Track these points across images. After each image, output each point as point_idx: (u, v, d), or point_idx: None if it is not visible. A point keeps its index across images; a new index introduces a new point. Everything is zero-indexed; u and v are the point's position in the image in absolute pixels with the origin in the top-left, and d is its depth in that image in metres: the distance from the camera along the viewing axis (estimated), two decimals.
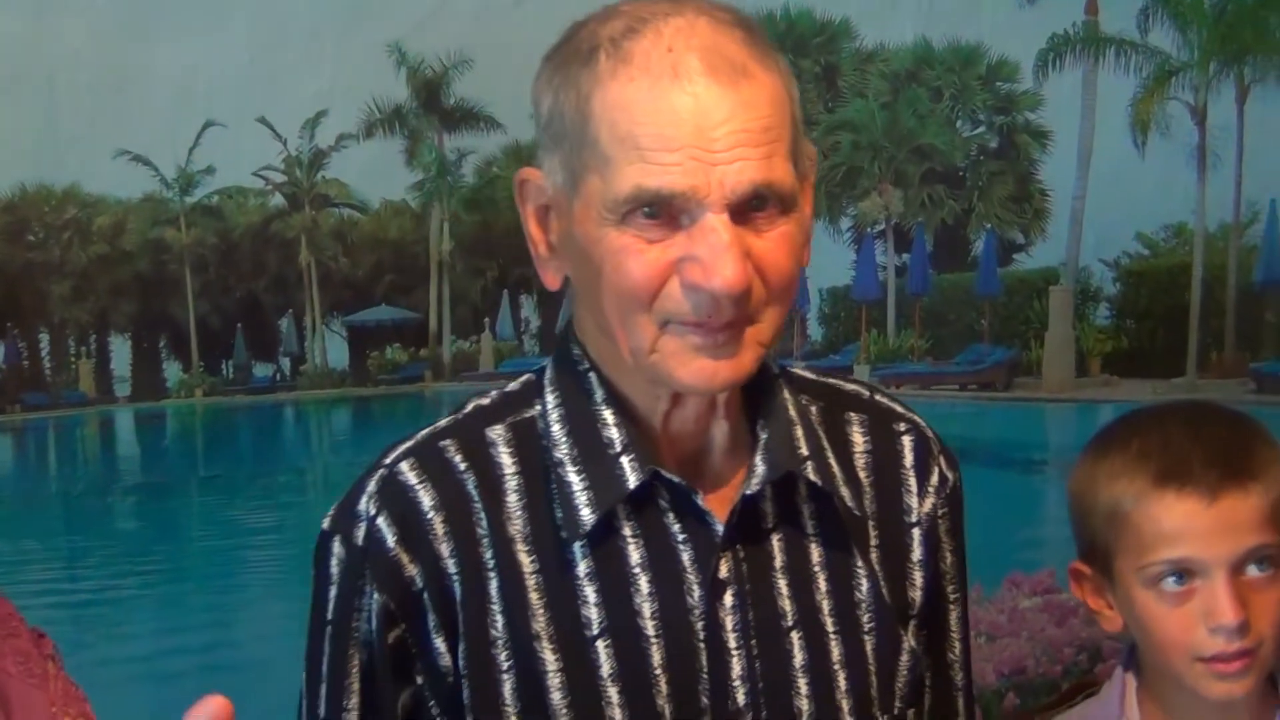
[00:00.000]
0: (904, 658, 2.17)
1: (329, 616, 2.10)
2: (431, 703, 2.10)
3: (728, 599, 2.06)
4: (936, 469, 2.26)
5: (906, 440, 2.26)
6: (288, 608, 2.40)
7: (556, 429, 2.11)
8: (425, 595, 2.06)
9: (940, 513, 2.25)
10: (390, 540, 2.06)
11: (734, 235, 1.86)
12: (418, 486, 2.09)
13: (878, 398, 2.28)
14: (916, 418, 2.30)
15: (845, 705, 2.10)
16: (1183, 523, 2.48)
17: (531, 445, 2.11)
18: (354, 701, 2.10)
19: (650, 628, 2.05)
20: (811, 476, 2.11)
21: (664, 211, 1.88)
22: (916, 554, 2.22)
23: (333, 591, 2.10)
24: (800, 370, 2.27)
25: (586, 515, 2.04)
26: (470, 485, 2.09)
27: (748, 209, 1.90)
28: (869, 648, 2.13)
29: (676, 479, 2.05)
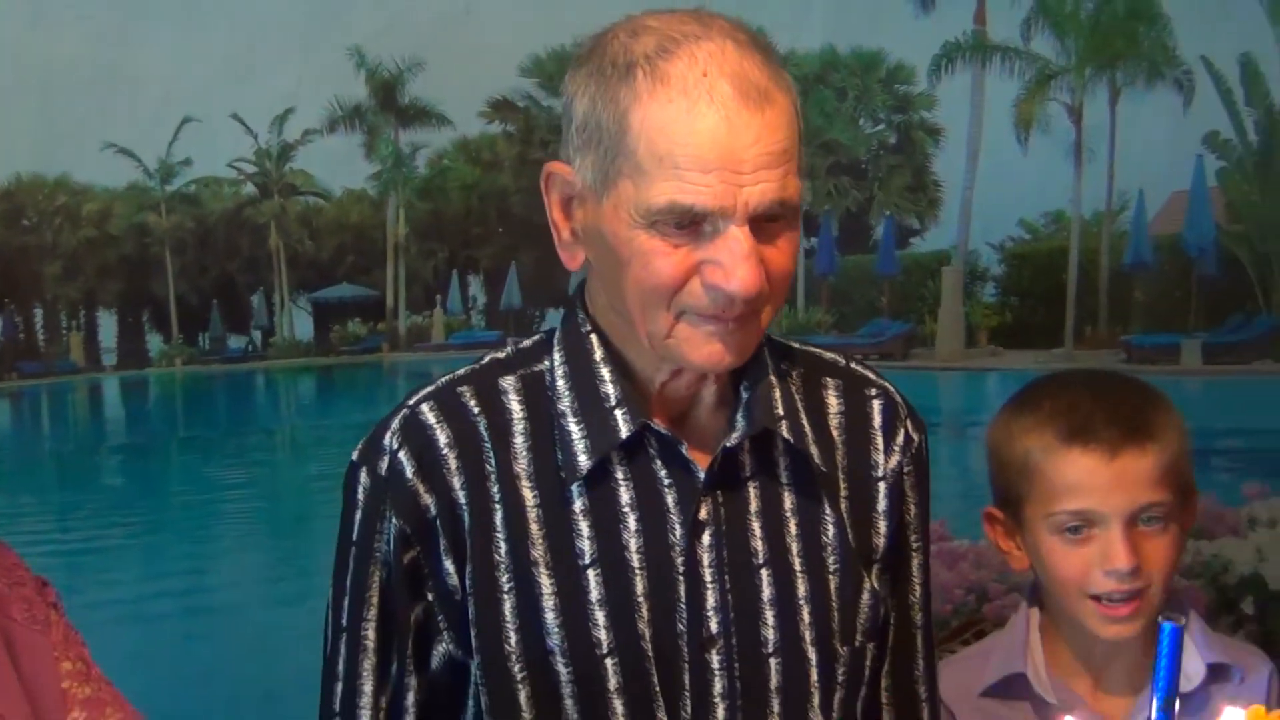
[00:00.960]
0: (865, 597, 2.25)
1: (354, 538, 2.20)
2: (440, 618, 2.19)
3: (706, 538, 2.16)
4: (903, 430, 2.34)
5: (876, 404, 2.33)
6: (258, 556, 2.43)
7: (561, 383, 2.19)
8: (438, 522, 2.15)
9: (906, 470, 2.33)
10: (409, 472, 2.15)
11: (752, 245, 1.96)
12: (435, 426, 2.17)
13: (852, 365, 2.37)
14: (887, 384, 2.38)
15: (808, 636, 2.19)
16: (1085, 477, 2.60)
17: (539, 395, 2.20)
18: (373, 613, 2.19)
19: (636, 560, 2.14)
20: (785, 434, 2.20)
21: (691, 221, 1.97)
22: (881, 505, 2.30)
23: (358, 515, 2.19)
24: (783, 340, 2.35)
25: (583, 460, 2.14)
26: (482, 427, 2.18)
27: (763, 221, 1.99)
28: (832, 587, 2.22)
29: (665, 431, 2.15)
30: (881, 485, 2.31)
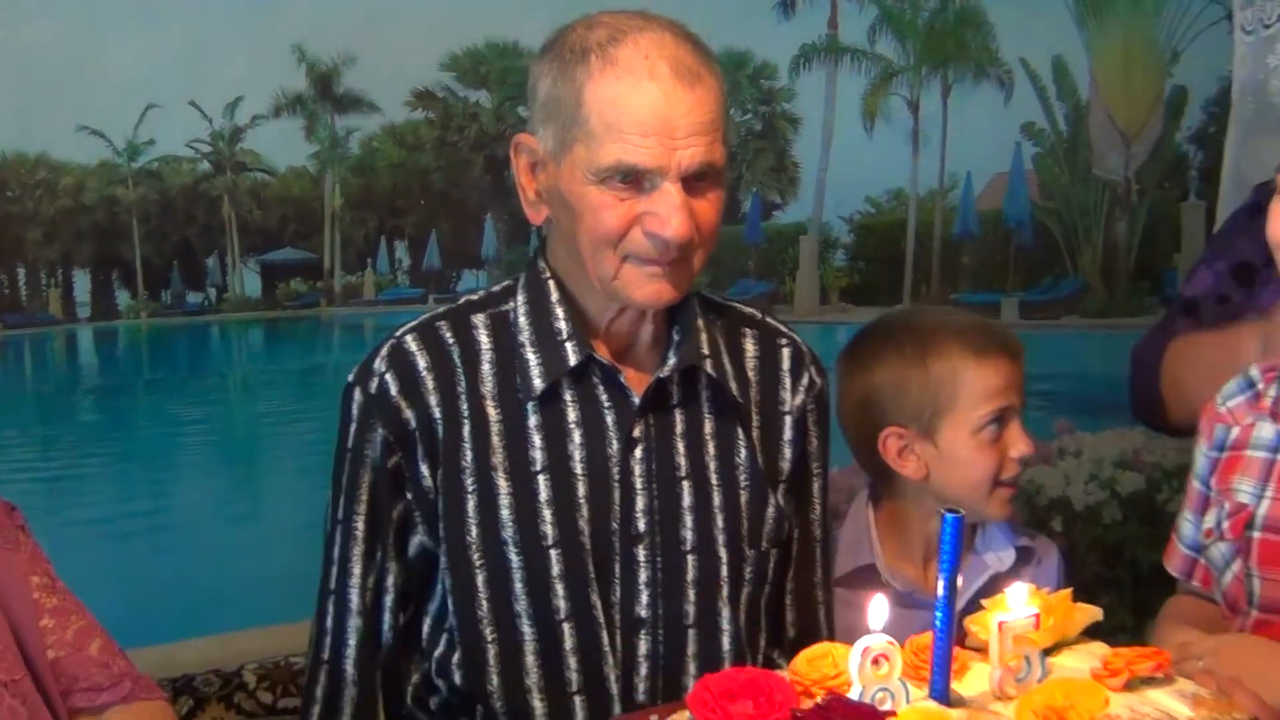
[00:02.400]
0: (770, 510, 2.36)
1: (349, 445, 2.29)
2: (416, 513, 2.29)
3: (638, 452, 2.27)
4: (807, 375, 2.44)
5: (786, 352, 2.44)
6: (214, 480, 2.42)
7: (522, 319, 2.29)
8: (417, 433, 2.26)
9: (809, 408, 2.44)
10: (394, 390, 2.26)
11: (684, 199, 2.10)
12: (416, 353, 2.28)
13: (767, 319, 2.48)
14: (796, 336, 2.47)
15: (720, 539, 2.30)
16: (1005, 378, 2.72)
17: (504, 330, 2.30)
18: (363, 508, 2.29)
19: (579, 468, 2.26)
20: (709, 370, 2.31)
21: (633, 178, 2.11)
22: (787, 435, 2.41)
23: (353, 427, 2.28)
24: (712, 295, 2.45)
25: (538, 383, 2.25)
26: (455, 355, 2.28)
27: (693, 180, 2.13)
28: (743, 500, 2.33)
29: (607, 361, 2.26)
30: (788, 419, 2.41)
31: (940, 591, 1.66)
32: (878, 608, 1.68)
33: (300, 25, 3.56)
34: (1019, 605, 1.74)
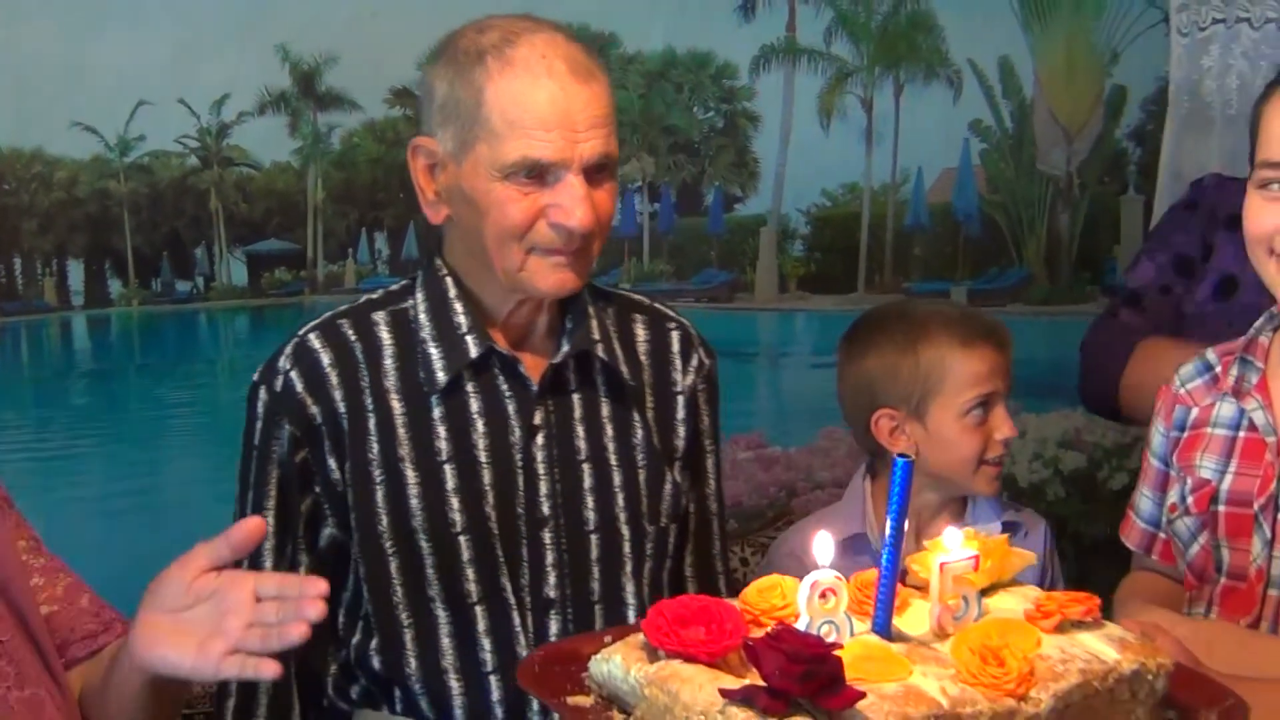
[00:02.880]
0: (667, 487, 2.36)
1: (255, 442, 2.28)
2: (326, 506, 2.28)
3: (539, 438, 2.27)
4: (696, 356, 2.46)
5: (674, 335, 2.45)
6: (200, 461, 2.44)
7: (422, 316, 2.28)
8: (323, 428, 2.25)
9: (699, 388, 2.45)
10: (299, 387, 2.24)
11: (586, 190, 2.13)
12: (320, 350, 2.27)
13: (655, 304, 2.48)
14: (684, 320, 2.48)
15: (622, 517, 2.31)
16: (992, 365, 2.78)
17: (404, 327, 2.28)
18: (271, 503, 2.27)
19: (484, 456, 2.25)
20: (601, 354, 2.32)
21: (537, 172, 2.12)
22: (680, 415, 2.42)
23: (259, 424, 2.27)
24: (602, 286, 2.45)
25: (441, 376, 2.24)
26: (358, 352, 2.27)
27: (593, 171, 2.15)
28: (641, 479, 2.33)
29: (506, 352, 2.26)
30: (680, 399, 2.42)
31: (888, 532, 1.68)
32: (823, 544, 1.68)
33: (284, 27, 3.59)
34: (958, 547, 1.76)
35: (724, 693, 1.52)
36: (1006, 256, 4.28)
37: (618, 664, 1.65)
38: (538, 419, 2.29)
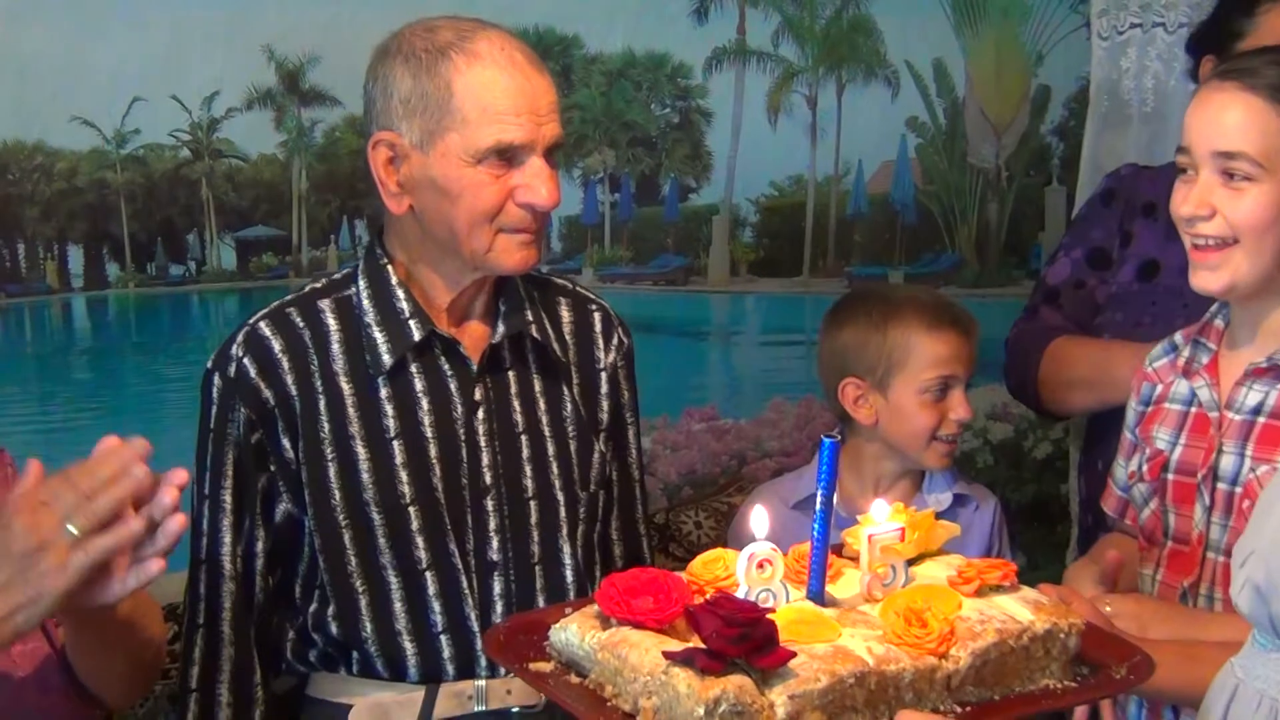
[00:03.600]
0: (595, 456, 2.40)
1: (211, 426, 2.27)
2: (280, 483, 2.27)
3: (480, 414, 2.29)
4: (616, 335, 2.48)
5: (596, 316, 2.48)
6: (193, 431, 2.42)
7: (366, 302, 2.27)
8: (276, 410, 2.24)
9: (620, 364, 2.48)
10: (252, 373, 2.24)
11: (550, 170, 2.15)
12: (270, 337, 2.26)
13: (578, 288, 2.50)
14: (604, 302, 2.51)
15: (556, 484, 2.33)
16: (955, 349, 2.82)
17: (349, 313, 2.28)
18: (228, 483, 2.27)
19: (429, 432, 2.26)
20: (534, 334, 2.34)
21: (507, 156, 2.13)
22: (603, 389, 2.44)
23: (214, 409, 2.26)
24: (531, 272, 2.43)
25: (386, 358, 2.25)
26: (307, 337, 2.26)
27: (549, 154, 2.17)
28: (572, 449, 2.36)
29: (446, 334, 2.27)
30: (603, 375, 2.45)
31: (819, 506, 1.71)
32: (759, 518, 1.73)
33: (270, 28, 3.57)
34: (885, 521, 1.79)
35: (667, 655, 1.54)
36: (940, 243, 4.30)
37: (574, 632, 1.67)
38: (478, 395, 2.30)
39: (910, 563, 1.82)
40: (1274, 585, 1.67)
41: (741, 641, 1.50)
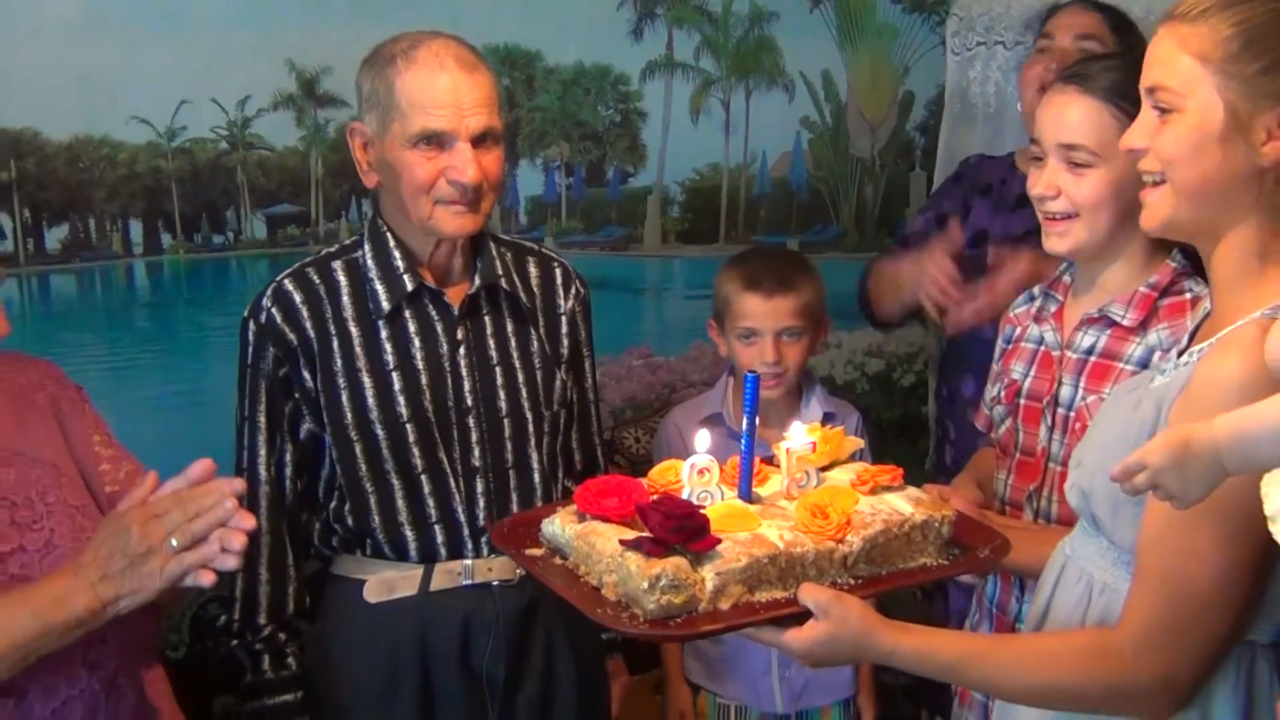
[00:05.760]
0: (557, 383, 2.38)
1: (248, 362, 2.27)
2: (304, 407, 2.26)
3: (462, 350, 2.27)
4: (574, 286, 2.46)
5: (558, 270, 2.45)
6: (232, 368, 2.39)
7: (369, 261, 2.26)
8: (298, 349, 2.24)
9: (577, 310, 2.45)
10: (279, 320, 2.23)
11: (473, 154, 2.12)
12: (293, 291, 2.26)
13: (542, 249, 2.48)
14: (564, 259, 2.48)
15: (525, 405, 2.31)
16: (755, 308, 2.78)
17: (356, 271, 2.27)
18: (262, 407, 2.26)
19: (421, 364, 2.25)
20: (504, 285, 2.32)
21: (435, 142, 2.12)
22: (564, 330, 2.42)
23: (250, 349, 2.26)
24: (503, 237, 2.46)
25: (385, 305, 2.24)
26: (322, 291, 2.26)
27: (479, 141, 2.14)
28: (538, 377, 2.35)
29: (433, 285, 2.26)
30: (563, 318, 2.42)
31: (744, 429, 1.74)
32: (702, 439, 1.76)
33: (291, 45, 3.53)
34: (801, 437, 1.81)
35: (622, 542, 1.57)
36: (827, 216, 4.31)
37: (558, 524, 1.70)
38: (460, 335, 2.28)
39: (824, 469, 1.84)
40: (1094, 490, 1.69)
41: (678, 531, 1.55)
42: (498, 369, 2.32)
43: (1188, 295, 2.12)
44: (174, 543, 1.68)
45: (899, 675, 3.19)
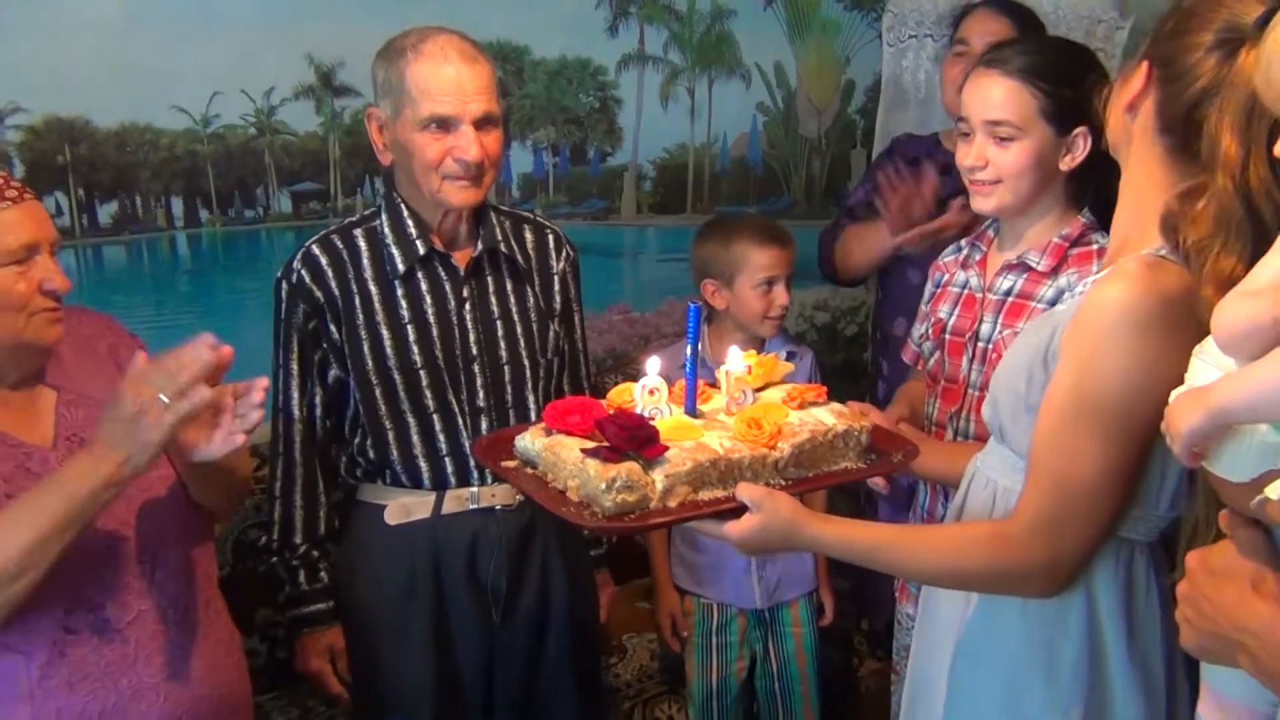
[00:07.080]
0: (550, 334, 2.36)
1: (282, 317, 2.25)
2: (330, 356, 2.24)
3: (468, 306, 2.25)
4: (565, 249, 2.42)
5: (550, 236, 2.42)
6: (265, 327, 2.40)
7: (386, 229, 2.24)
8: (325, 306, 2.21)
9: (568, 270, 2.43)
10: (307, 280, 2.21)
11: (476, 135, 2.09)
12: (319, 255, 2.23)
13: (537, 217, 2.43)
14: (556, 226, 2.44)
15: (523, 354, 2.29)
16: (774, 259, 2.77)
17: (375, 237, 2.24)
18: (294, 355, 2.24)
19: (432, 318, 2.22)
20: (504, 250, 2.29)
21: (442, 125, 2.09)
22: (556, 288, 2.39)
23: (283, 306, 2.23)
24: (504, 207, 2.40)
25: (400, 267, 2.21)
26: (345, 255, 2.23)
27: (481, 124, 2.11)
28: (535, 330, 2.32)
29: (441, 249, 2.24)
30: (555, 278, 2.40)
31: (688, 353, 1.72)
32: (653, 366, 1.74)
33: (310, 41, 3.51)
34: (738, 361, 1.81)
35: (583, 450, 1.58)
36: (780, 189, 4.37)
37: (529, 439, 1.72)
38: (465, 293, 2.26)
39: (758, 390, 1.84)
40: (1001, 409, 1.69)
41: (631, 439, 1.54)
42: (499, 322, 2.30)
43: (1094, 246, 2.13)
44: (162, 397, 1.67)
45: (841, 581, 3.31)
